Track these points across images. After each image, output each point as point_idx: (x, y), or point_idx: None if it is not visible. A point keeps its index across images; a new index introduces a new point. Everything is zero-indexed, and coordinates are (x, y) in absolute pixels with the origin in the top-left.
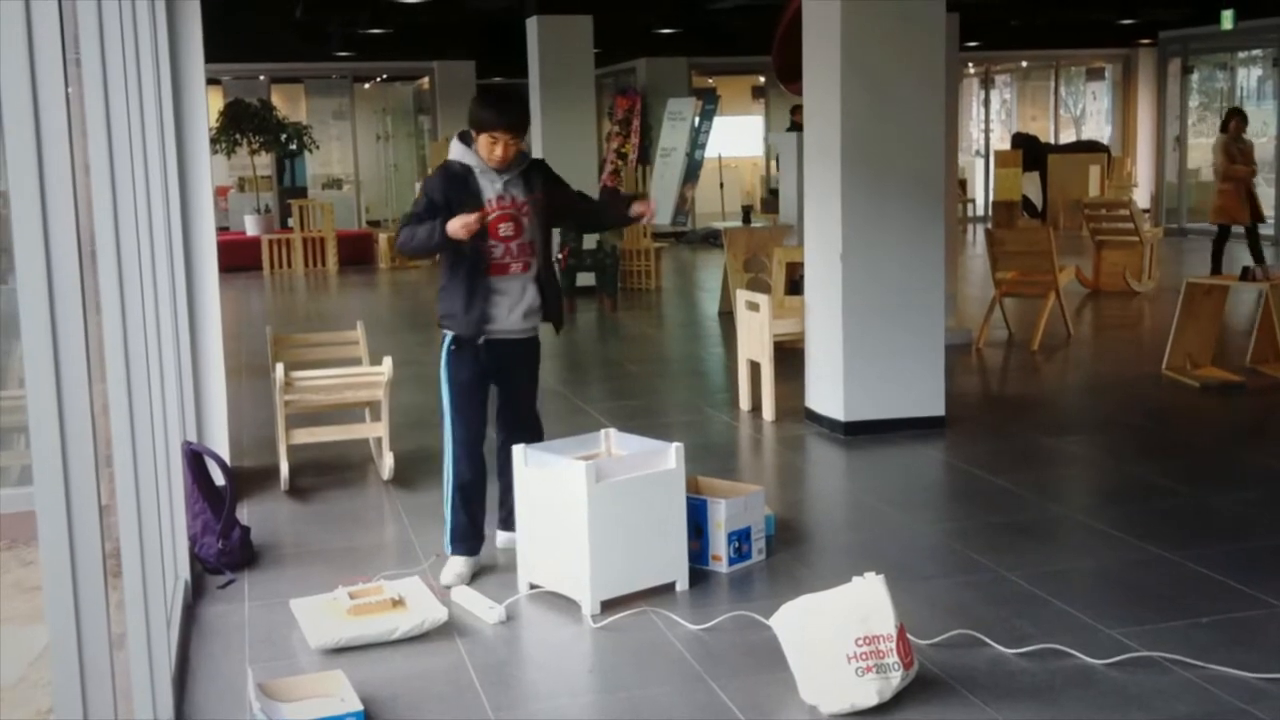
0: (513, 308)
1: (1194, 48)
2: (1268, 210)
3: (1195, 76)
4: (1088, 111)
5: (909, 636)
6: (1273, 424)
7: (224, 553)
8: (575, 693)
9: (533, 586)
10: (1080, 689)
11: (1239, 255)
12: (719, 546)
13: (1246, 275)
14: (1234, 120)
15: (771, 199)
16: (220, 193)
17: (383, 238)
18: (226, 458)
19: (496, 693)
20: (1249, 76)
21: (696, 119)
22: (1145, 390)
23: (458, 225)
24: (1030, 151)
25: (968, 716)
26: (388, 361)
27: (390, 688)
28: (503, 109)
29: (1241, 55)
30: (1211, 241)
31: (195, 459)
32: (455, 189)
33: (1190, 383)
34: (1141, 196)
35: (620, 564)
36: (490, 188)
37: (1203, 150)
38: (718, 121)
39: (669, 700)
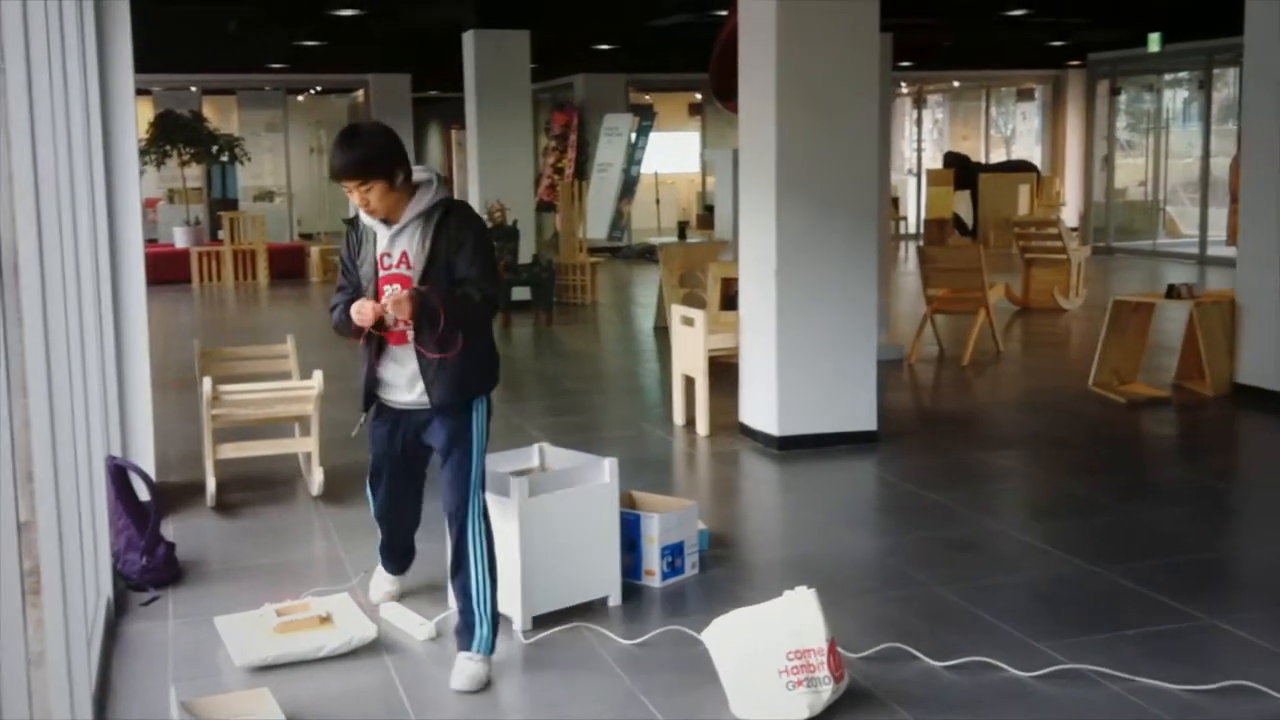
0: (411, 378)
1: (1122, 69)
2: (1190, 230)
3: (1123, 98)
4: (1018, 131)
5: (840, 650)
6: (1198, 440)
7: (148, 569)
8: (506, 710)
9: None
10: (1009, 702)
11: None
12: (652, 561)
13: (1172, 293)
14: None
15: (707, 215)
16: (149, 204)
17: (315, 251)
18: (152, 473)
19: (426, 710)
20: (1175, 98)
21: (633, 135)
22: (1073, 406)
23: (354, 311)
24: (962, 170)
25: None
26: (318, 375)
27: (318, 706)
28: (337, 152)
29: (1168, 77)
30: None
31: (119, 474)
32: (351, 246)
33: (1117, 398)
34: (1070, 215)
35: (552, 579)
36: (380, 243)
37: (1130, 170)
38: (654, 137)
39: (600, 716)
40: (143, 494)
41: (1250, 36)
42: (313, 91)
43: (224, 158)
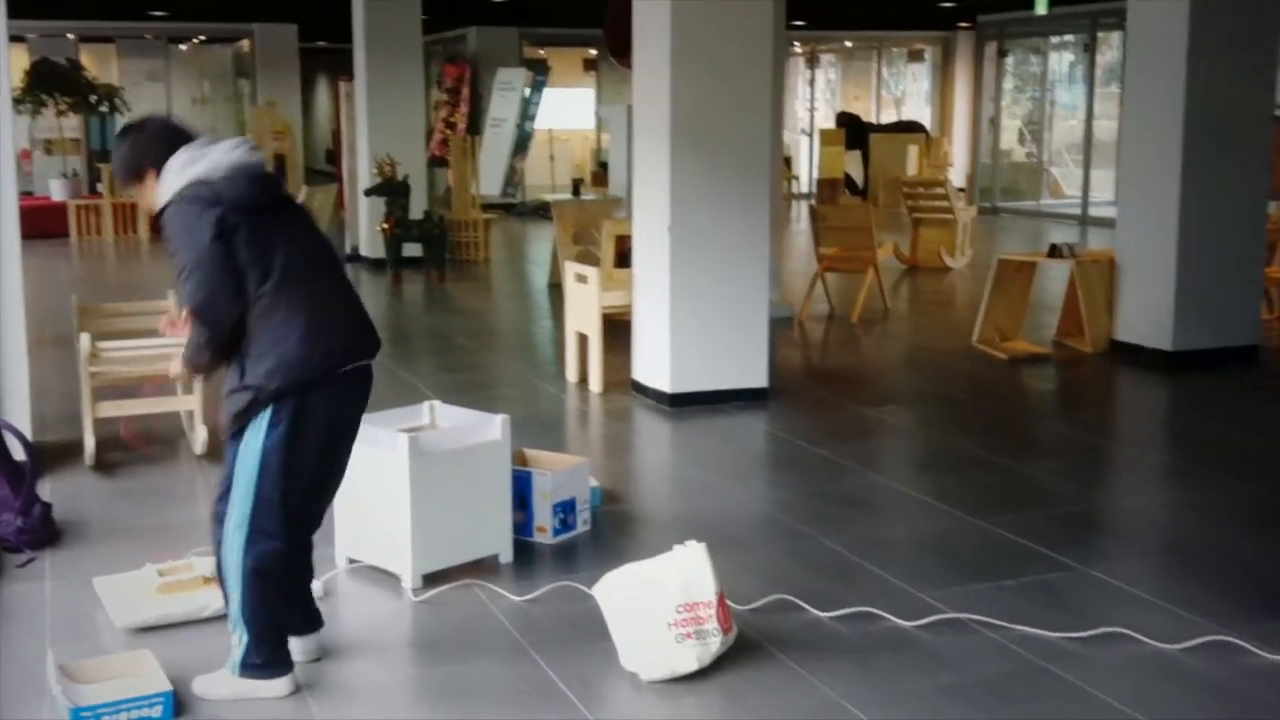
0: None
1: (1010, 31)
2: (1073, 190)
3: (1010, 60)
4: (908, 92)
5: (729, 603)
6: (1076, 395)
7: (23, 530)
8: (395, 667)
9: (351, 561)
10: (892, 651)
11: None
12: (544, 518)
13: (1054, 253)
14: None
15: (602, 172)
16: (23, 156)
17: None
18: (28, 432)
19: (313, 669)
20: (1061, 61)
21: (527, 90)
22: (958, 363)
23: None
24: (853, 130)
25: (783, 679)
26: None
27: (202, 667)
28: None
29: (1054, 40)
30: None
31: None
32: None
33: (999, 355)
34: (957, 176)
35: (442, 537)
36: None
37: (1016, 131)
38: (549, 93)
39: (491, 673)
40: (18, 453)
41: (1134, 0)
42: (196, 41)
43: (103, 108)
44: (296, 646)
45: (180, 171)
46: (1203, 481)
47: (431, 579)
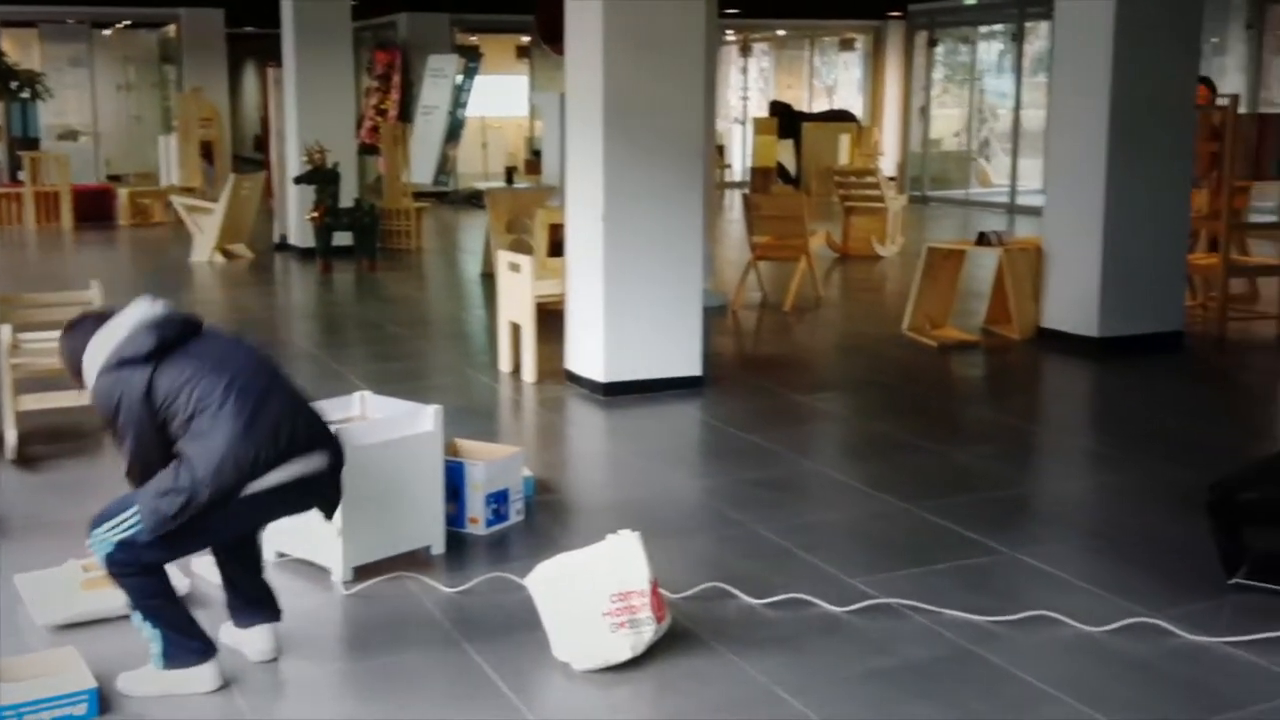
0: None
1: (940, 21)
2: (1001, 179)
3: (940, 49)
4: (840, 81)
5: (662, 591)
6: (1005, 382)
7: None
8: (325, 661)
9: (280, 555)
10: (823, 636)
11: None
12: (476, 509)
13: (983, 241)
14: (1200, 89)
15: (535, 160)
16: None
17: (123, 193)
18: None
19: (242, 664)
20: (990, 50)
21: (459, 77)
22: (889, 350)
23: None
24: (786, 119)
25: (716, 666)
26: None
27: (127, 664)
28: None
29: (983, 30)
30: None
31: None
32: None
33: (929, 342)
34: (888, 165)
35: (373, 529)
36: None
37: (945, 121)
38: (481, 80)
39: (423, 665)
40: None
41: None
42: (120, 26)
43: (24, 94)
44: (254, 638)
45: (96, 354)
46: (1129, 466)
47: (362, 572)
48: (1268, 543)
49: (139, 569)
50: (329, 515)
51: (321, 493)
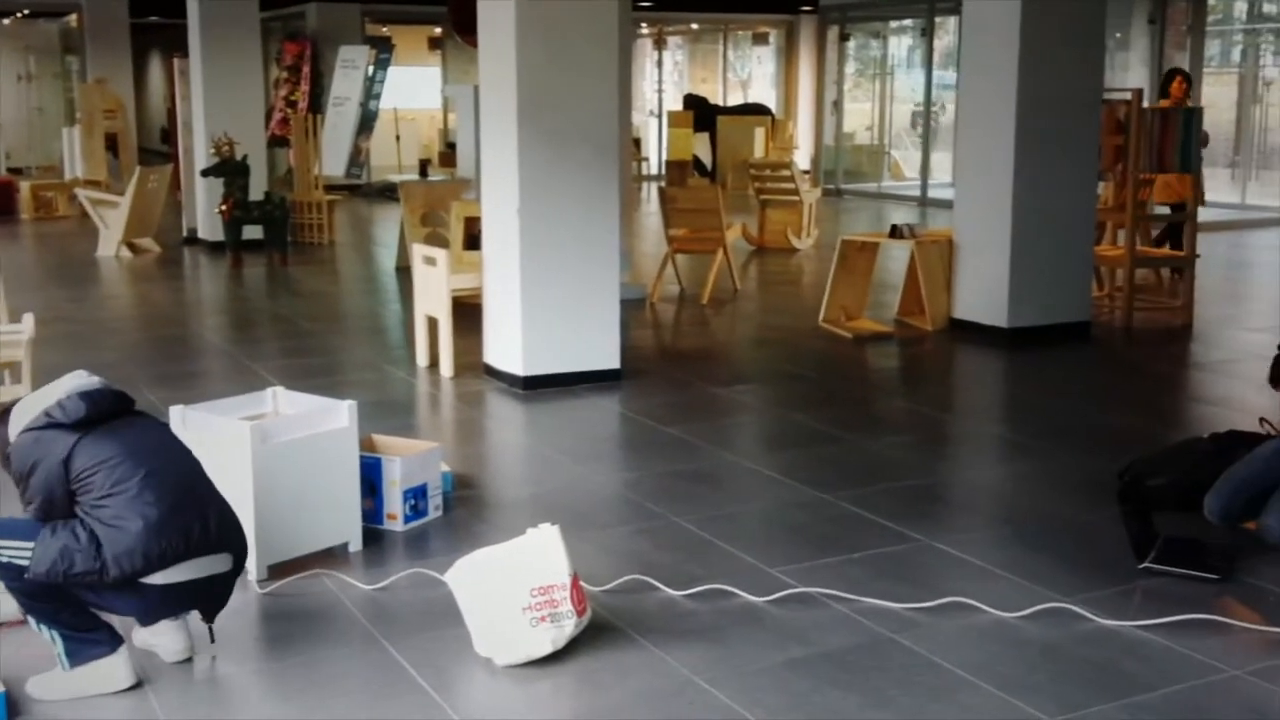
0: None
1: (851, 16)
2: (910, 172)
3: (852, 44)
4: (754, 75)
5: (583, 584)
6: (918, 372)
7: None
8: (242, 661)
9: None
10: (744, 627)
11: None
12: (394, 505)
13: (895, 233)
14: (1178, 80)
15: (450, 153)
16: None
17: (25, 186)
18: None
19: (155, 666)
20: (900, 45)
21: (370, 68)
22: (805, 341)
23: None
24: (701, 112)
25: (638, 658)
26: (28, 319)
27: (36, 665)
28: None
29: (894, 25)
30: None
31: None
32: None
33: (844, 334)
34: (802, 158)
35: (288, 527)
36: None
37: (858, 115)
38: (393, 72)
39: (342, 663)
40: None
41: None
42: (20, 15)
43: None
44: (166, 638)
45: (22, 414)
46: (1040, 454)
47: (277, 570)
48: (1176, 527)
49: (19, 586)
50: (210, 618)
51: (212, 594)
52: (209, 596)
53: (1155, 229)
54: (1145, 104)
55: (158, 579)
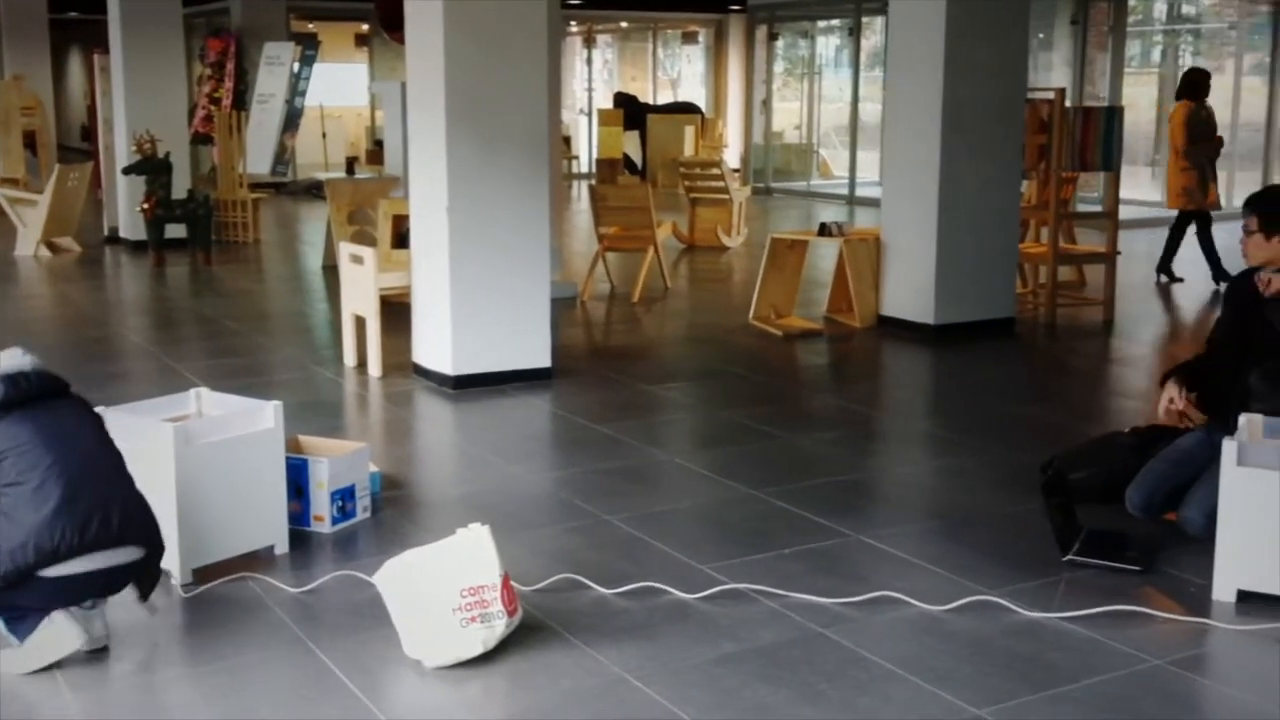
0: None
1: (779, 15)
2: (838, 170)
3: (780, 43)
4: (684, 74)
5: (513, 584)
6: (847, 369)
7: None
8: (166, 666)
9: None
10: (676, 624)
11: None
12: (321, 506)
13: (824, 231)
14: (1205, 82)
15: (377, 150)
16: None
17: None
18: None
19: (75, 672)
20: (828, 45)
21: (296, 65)
22: (736, 339)
23: None
24: (631, 111)
25: (569, 658)
26: None
27: None
28: None
29: (821, 25)
30: (1169, 230)
31: None
32: None
33: (775, 331)
34: (732, 157)
35: (213, 530)
36: None
37: (787, 114)
38: (319, 69)
39: (268, 668)
40: None
41: None
42: None
43: None
44: (71, 630)
45: None
46: (966, 449)
47: (202, 574)
48: (1099, 520)
49: None
50: (144, 596)
51: (128, 580)
52: (109, 587)
53: (1065, 230)
54: (1069, 103)
55: (52, 572)
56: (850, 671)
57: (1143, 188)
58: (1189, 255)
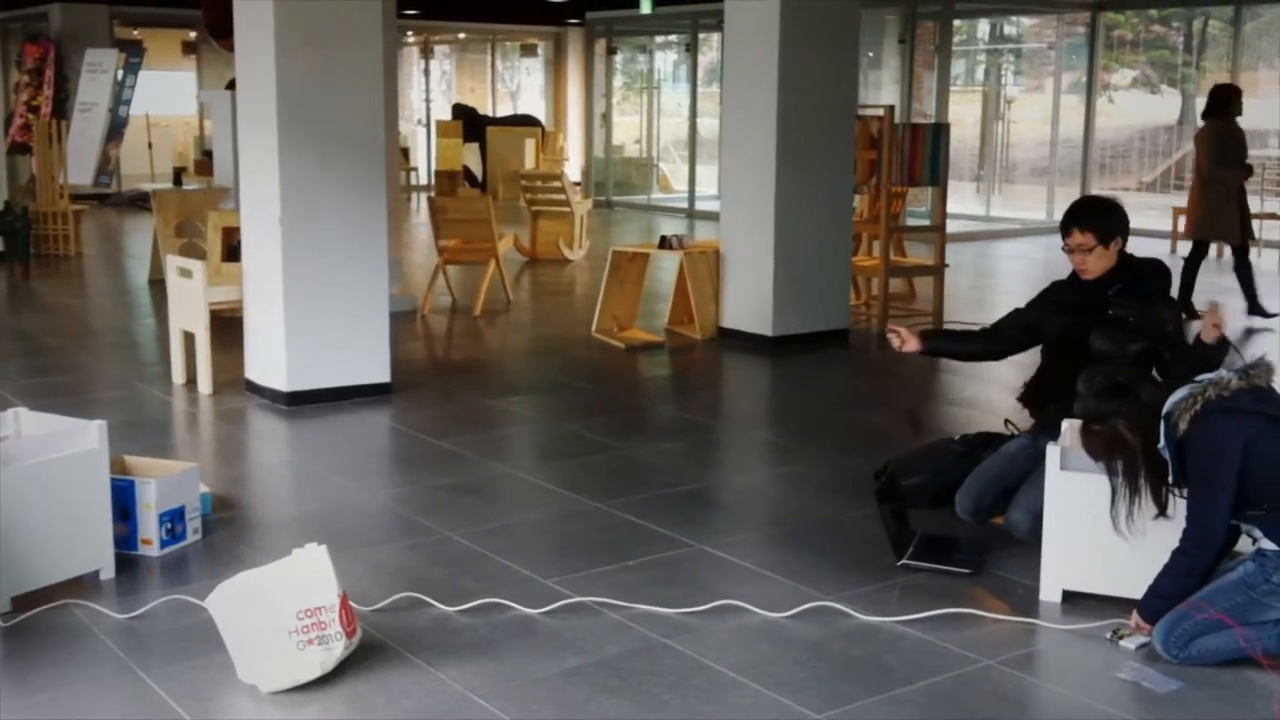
0: None
1: (618, 29)
2: (678, 184)
3: (619, 57)
4: (523, 86)
5: (352, 604)
6: (688, 380)
7: None
8: None
9: None
10: (519, 639)
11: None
12: (149, 529)
13: (665, 244)
14: (1236, 99)
15: (206, 160)
16: None
17: None
18: None
19: None
20: (666, 60)
21: (120, 72)
22: (578, 351)
23: None
24: (470, 122)
25: (410, 678)
26: None
27: None
28: None
29: (659, 40)
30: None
31: None
32: None
33: (617, 344)
34: (573, 170)
35: (34, 555)
36: None
37: (627, 128)
38: (145, 76)
39: (94, 698)
40: None
41: (730, 3)
42: None
43: None
44: None
45: None
46: (804, 456)
47: (22, 602)
48: (931, 524)
49: None
50: None
51: None
52: None
53: (907, 240)
54: (898, 120)
55: None
56: (693, 680)
57: (968, 202)
58: (1010, 268)
